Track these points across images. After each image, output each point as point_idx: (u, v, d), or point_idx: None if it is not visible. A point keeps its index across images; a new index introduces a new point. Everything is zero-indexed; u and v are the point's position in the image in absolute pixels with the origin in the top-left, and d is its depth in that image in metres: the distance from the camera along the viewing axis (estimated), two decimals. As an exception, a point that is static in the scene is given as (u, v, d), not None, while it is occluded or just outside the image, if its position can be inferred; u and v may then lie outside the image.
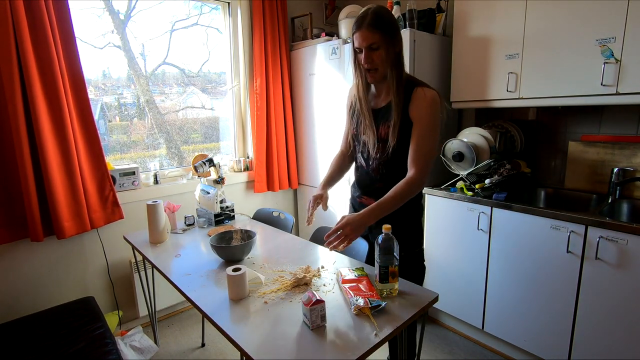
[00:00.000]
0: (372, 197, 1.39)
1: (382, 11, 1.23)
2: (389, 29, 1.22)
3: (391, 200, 1.21)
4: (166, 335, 2.19)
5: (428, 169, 1.26)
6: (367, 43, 1.22)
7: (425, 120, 1.25)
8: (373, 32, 1.20)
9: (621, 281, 1.45)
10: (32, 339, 1.47)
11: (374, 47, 1.22)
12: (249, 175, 2.73)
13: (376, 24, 1.20)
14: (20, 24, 1.63)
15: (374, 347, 0.90)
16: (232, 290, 1.13)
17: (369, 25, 1.20)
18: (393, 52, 1.24)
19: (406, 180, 1.24)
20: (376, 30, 1.20)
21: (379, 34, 1.21)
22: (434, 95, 1.25)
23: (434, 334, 2.13)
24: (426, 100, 1.24)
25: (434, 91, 1.26)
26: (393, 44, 1.24)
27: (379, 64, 1.25)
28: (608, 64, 1.57)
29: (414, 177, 1.24)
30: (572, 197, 1.96)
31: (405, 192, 1.22)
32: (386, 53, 1.23)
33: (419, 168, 1.25)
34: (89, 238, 2.06)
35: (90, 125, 1.91)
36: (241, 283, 1.13)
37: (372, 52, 1.23)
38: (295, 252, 1.49)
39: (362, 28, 1.21)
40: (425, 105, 1.24)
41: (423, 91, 1.25)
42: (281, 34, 2.63)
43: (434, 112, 1.25)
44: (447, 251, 2.04)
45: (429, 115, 1.24)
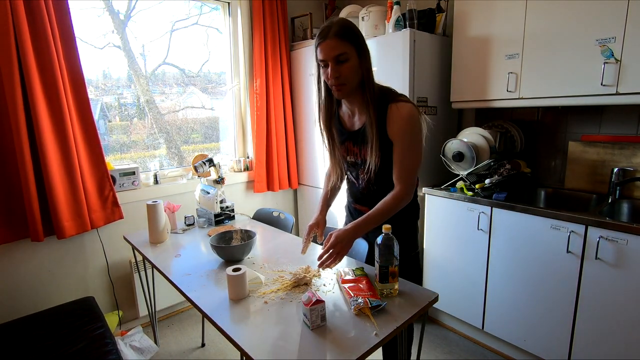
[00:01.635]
0: (365, 205, 1.39)
1: (350, 23, 1.14)
2: (358, 41, 1.13)
3: (378, 214, 1.21)
4: (166, 335, 2.19)
5: (414, 182, 1.26)
6: (335, 53, 1.11)
7: (406, 138, 1.19)
8: (342, 42, 1.10)
9: (621, 281, 1.45)
10: (32, 339, 1.47)
11: (342, 58, 1.12)
12: (249, 175, 2.73)
13: (345, 34, 1.11)
14: (20, 24, 1.63)
15: (374, 347, 0.90)
16: (232, 290, 1.13)
17: (336, 35, 1.10)
18: (364, 65, 1.15)
19: (393, 195, 1.23)
20: (345, 40, 1.10)
21: (348, 44, 1.11)
22: (410, 109, 1.17)
23: (434, 334, 2.13)
24: (402, 118, 1.17)
25: (409, 105, 1.18)
26: (363, 57, 1.15)
27: (348, 77, 1.14)
28: (608, 64, 1.57)
29: (401, 193, 1.22)
30: (572, 197, 1.96)
31: (393, 206, 1.22)
32: (356, 66, 1.14)
33: (404, 184, 1.22)
34: (89, 238, 2.06)
35: (90, 125, 1.91)
36: (241, 283, 1.13)
37: (340, 65, 1.12)
38: (295, 252, 1.49)
39: (329, 38, 1.10)
40: (403, 123, 1.17)
41: (397, 108, 1.17)
42: (281, 34, 2.63)
43: (413, 128, 1.18)
44: (447, 251, 2.04)
45: (407, 133, 1.18)
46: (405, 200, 1.24)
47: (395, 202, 1.22)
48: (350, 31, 1.12)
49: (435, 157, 2.19)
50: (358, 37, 1.15)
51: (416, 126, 1.20)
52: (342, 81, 1.15)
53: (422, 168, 2.13)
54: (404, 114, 1.17)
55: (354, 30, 1.14)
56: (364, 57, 1.16)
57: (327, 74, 1.16)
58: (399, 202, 1.23)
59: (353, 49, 1.13)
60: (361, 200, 1.42)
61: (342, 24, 1.13)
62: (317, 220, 1.39)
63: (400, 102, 1.18)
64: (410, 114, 1.17)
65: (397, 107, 1.18)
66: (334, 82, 1.16)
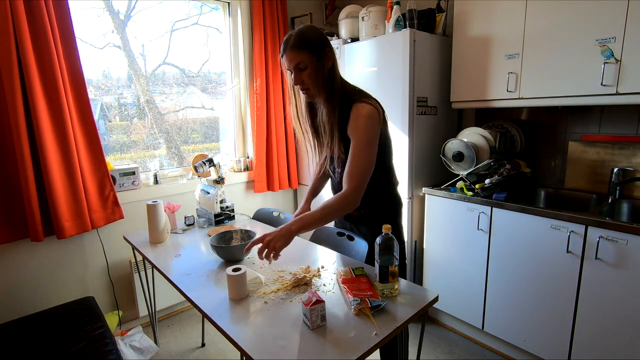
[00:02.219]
0: None
1: (307, 30, 1.22)
2: (314, 48, 1.20)
3: (319, 213, 1.20)
4: (166, 335, 2.19)
5: (363, 186, 1.23)
6: (293, 64, 1.22)
7: (359, 137, 1.22)
8: (298, 52, 1.20)
9: (621, 281, 1.45)
10: (32, 339, 1.47)
11: (301, 67, 1.22)
12: (249, 175, 2.73)
13: (300, 44, 1.20)
14: (20, 24, 1.63)
15: (374, 347, 0.90)
16: (232, 290, 1.13)
17: (293, 47, 1.20)
18: (321, 69, 1.22)
19: (339, 195, 1.23)
20: (301, 50, 1.20)
21: (304, 54, 1.20)
22: (369, 110, 1.21)
23: (434, 334, 2.13)
24: (359, 117, 1.21)
25: (369, 106, 1.22)
26: (321, 62, 1.22)
27: (309, 83, 1.23)
28: (608, 64, 1.57)
29: (347, 194, 1.22)
30: (572, 197, 1.96)
31: (336, 206, 1.21)
32: (314, 72, 1.21)
33: (352, 185, 1.22)
34: (89, 238, 2.06)
35: (90, 125, 1.91)
36: (241, 283, 1.13)
37: (301, 73, 1.22)
38: (295, 252, 1.49)
39: (287, 50, 1.21)
40: (358, 122, 1.21)
41: (357, 108, 1.22)
42: (281, 34, 2.63)
43: (367, 128, 1.21)
44: (447, 251, 2.04)
45: (362, 132, 1.21)
46: (351, 202, 1.22)
47: (338, 201, 1.21)
48: (304, 41, 1.20)
49: (435, 157, 2.19)
50: (314, 44, 1.21)
51: (371, 127, 1.22)
52: (305, 86, 1.25)
53: (423, 168, 2.16)
54: (362, 113, 1.21)
55: (309, 39, 1.21)
56: (322, 62, 1.23)
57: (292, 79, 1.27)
58: (343, 202, 1.22)
59: (310, 56, 1.21)
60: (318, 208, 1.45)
61: (298, 35, 1.21)
62: (303, 209, 1.46)
63: (362, 103, 1.23)
64: (369, 114, 1.21)
65: (358, 107, 1.23)
66: (299, 87, 1.27)
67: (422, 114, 2.12)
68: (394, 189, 1.44)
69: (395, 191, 1.44)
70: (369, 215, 1.40)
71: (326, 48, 1.23)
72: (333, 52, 1.25)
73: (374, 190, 1.33)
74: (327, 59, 1.23)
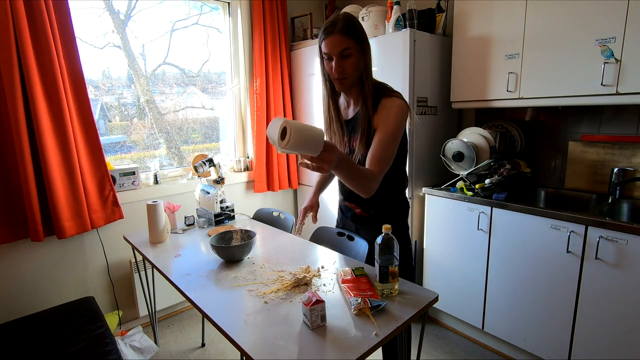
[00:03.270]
0: (353, 202, 1.41)
1: (353, 18, 1.18)
2: (360, 37, 1.17)
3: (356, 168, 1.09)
4: (166, 335, 2.19)
5: (382, 175, 1.18)
6: (339, 49, 1.15)
7: (388, 127, 1.18)
8: (346, 37, 1.14)
9: (621, 281, 1.45)
10: (32, 339, 1.47)
11: (345, 53, 1.16)
12: (249, 175, 2.73)
13: (349, 29, 1.14)
14: (20, 24, 1.63)
15: (374, 347, 0.90)
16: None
17: (341, 31, 1.14)
18: (364, 61, 1.19)
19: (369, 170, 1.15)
20: (349, 36, 1.14)
21: (352, 40, 1.15)
22: (401, 104, 1.20)
23: (434, 334, 2.13)
24: (392, 109, 1.19)
25: (401, 100, 1.21)
26: (364, 53, 1.19)
27: (350, 72, 1.19)
28: (608, 64, 1.57)
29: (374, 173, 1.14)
30: (572, 197, 1.96)
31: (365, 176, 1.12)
32: (358, 61, 1.18)
33: (378, 169, 1.16)
34: (89, 238, 2.06)
35: (90, 125, 1.91)
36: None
37: (344, 60, 1.17)
38: (295, 252, 1.49)
39: (334, 33, 1.14)
40: (391, 112, 1.19)
41: (388, 100, 1.21)
42: (281, 34, 2.63)
43: (399, 121, 1.19)
44: (447, 251, 2.04)
45: (392, 122, 1.18)
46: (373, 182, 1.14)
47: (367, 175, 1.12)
48: (354, 27, 1.16)
49: (435, 157, 2.19)
50: (361, 33, 1.18)
51: (402, 121, 1.21)
52: (344, 75, 1.20)
53: (422, 168, 2.16)
54: (395, 105, 1.20)
55: (357, 27, 1.18)
56: (365, 53, 1.20)
57: (330, 67, 1.21)
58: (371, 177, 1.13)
59: (356, 45, 1.17)
60: (350, 197, 1.42)
61: (347, 19, 1.16)
62: (311, 202, 1.44)
63: (393, 97, 1.22)
64: (400, 107, 1.20)
65: (388, 100, 1.21)
66: (337, 75, 1.20)
67: (422, 114, 2.12)
68: (404, 190, 1.42)
69: (405, 192, 1.43)
70: (379, 216, 1.37)
71: (367, 40, 1.20)
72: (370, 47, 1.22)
73: (387, 191, 1.30)
74: (369, 51, 1.21)
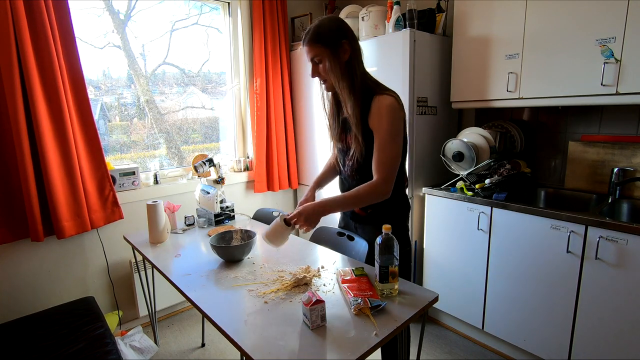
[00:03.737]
0: None
1: (324, 24, 1.24)
2: (330, 41, 1.23)
3: (351, 198, 1.24)
4: (166, 335, 2.19)
5: (392, 176, 1.24)
6: (310, 57, 1.27)
7: (383, 129, 1.23)
8: (313, 46, 1.24)
9: (621, 281, 1.45)
10: (32, 339, 1.47)
11: (316, 60, 1.26)
12: (249, 175, 2.73)
13: (315, 38, 1.23)
14: (20, 24, 1.63)
15: (374, 347, 0.90)
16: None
17: (309, 41, 1.24)
18: (336, 62, 1.24)
19: (370, 184, 1.24)
20: (316, 44, 1.23)
21: (319, 48, 1.23)
22: (391, 101, 1.22)
23: (434, 334, 2.13)
24: (381, 109, 1.22)
25: (391, 97, 1.23)
26: (337, 55, 1.24)
27: (325, 76, 1.27)
28: (608, 64, 1.57)
29: (377, 184, 1.23)
30: (572, 197, 1.96)
31: (367, 194, 1.23)
32: (329, 65, 1.24)
33: (382, 176, 1.23)
34: (89, 238, 2.06)
35: (90, 125, 1.91)
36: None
37: (317, 66, 1.27)
38: (295, 252, 1.49)
39: (304, 44, 1.26)
40: (381, 113, 1.22)
41: (378, 99, 1.23)
42: (281, 34, 2.63)
43: (391, 120, 1.22)
44: (447, 251, 2.04)
45: (385, 124, 1.22)
46: (381, 192, 1.23)
47: (369, 190, 1.23)
48: (319, 35, 1.23)
49: (435, 157, 2.19)
50: (329, 37, 1.23)
51: (395, 119, 1.23)
52: (322, 78, 1.30)
53: (422, 168, 2.16)
54: (383, 105, 1.22)
55: (325, 34, 1.23)
56: (338, 54, 1.24)
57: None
58: (373, 190, 1.23)
59: (325, 51, 1.23)
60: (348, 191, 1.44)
61: (314, 29, 1.24)
62: (307, 197, 1.49)
63: (384, 95, 1.23)
64: (391, 105, 1.22)
65: (379, 98, 1.23)
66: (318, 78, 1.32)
67: (422, 114, 2.12)
68: (404, 190, 1.43)
69: (404, 192, 1.43)
70: (376, 215, 1.39)
71: (342, 40, 1.23)
72: (352, 44, 1.25)
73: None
74: (343, 51, 1.24)
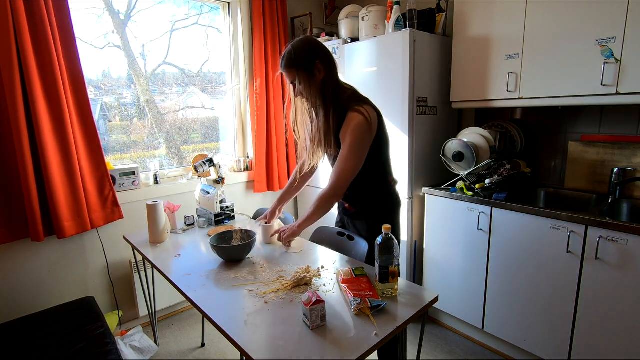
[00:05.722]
0: (346, 200, 1.52)
1: (297, 47, 1.31)
2: (303, 65, 1.30)
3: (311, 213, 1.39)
4: (166, 335, 2.19)
5: (341, 185, 1.34)
6: (288, 81, 1.36)
7: (346, 143, 1.30)
8: (289, 71, 1.32)
9: (621, 281, 1.45)
10: (32, 339, 1.47)
11: (294, 83, 1.34)
12: (249, 175, 2.73)
13: (289, 63, 1.31)
14: (20, 24, 1.63)
15: (374, 347, 0.90)
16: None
17: (285, 66, 1.33)
18: (313, 82, 1.32)
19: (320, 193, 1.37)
20: (291, 68, 1.31)
21: (294, 72, 1.31)
22: (359, 121, 1.28)
23: (434, 334, 2.13)
24: (349, 125, 1.29)
25: (360, 116, 1.28)
26: (312, 76, 1.31)
27: (305, 95, 1.35)
28: (608, 64, 1.57)
29: (327, 191, 1.35)
30: (572, 197, 1.96)
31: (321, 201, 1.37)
32: (306, 85, 1.32)
33: (331, 184, 1.34)
34: (89, 238, 2.06)
35: (90, 125, 1.91)
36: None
37: (296, 87, 1.35)
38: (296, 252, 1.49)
39: (281, 69, 1.35)
40: (348, 130, 1.29)
41: (349, 117, 1.30)
42: (281, 34, 2.63)
43: (355, 137, 1.29)
44: (447, 251, 2.04)
45: (349, 139, 1.29)
46: (329, 198, 1.36)
47: (321, 197, 1.36)
48: (293, 60, 1.31)
49: (435, 157, 2.19)
50: (302, 61, 1.30)
51: (359, 136, 1.29)
52: (303, 98, 1.38)
53: (423, 168, 2.16)
54: (351, 122, 1.29)
55: (296, 58, 1.30)
56: (313, 75, 1.31)
57: None
58: (323, 197, 1.36)
59: (300, 73, 1.31)
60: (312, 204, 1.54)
61: (288, 54, 1.32)
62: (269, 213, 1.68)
63: (355, 112, 1.30)
64: (358, 124, 1.28)
65: (350, 116, 1.30)
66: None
67: (422, 114, 2.12)
68: (391, 187, 1.49)
69: (392, 189, 1.49)
70: (365, 211, 1.47)
71: (316, 61, 1.30)
72: (326, 63, 1.32)
73: (368, 187, 1.42)
74: (318, 72, 1.31)
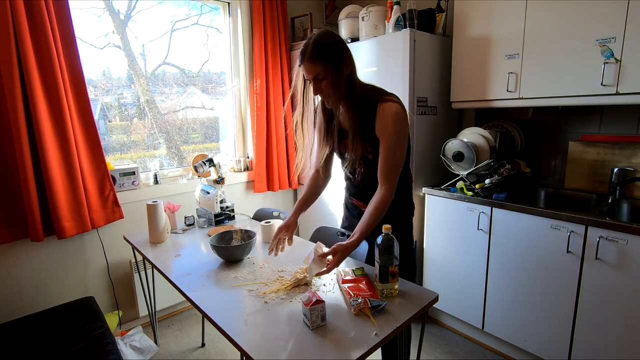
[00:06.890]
0: (360, 199, 1.43)
1: (323, 39, 1.18)
2: (331, 56, 1.18)
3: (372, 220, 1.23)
4: (166, 335, 2.19)
5: (396, 182, 1.27)
6: (311, 75, 1.20)
7: (389, 137, 1.23)
8: (315, 63, 1.17)
9: (621, 281, 1.45)
10: (32, 339, 1.47)
11: (319, 77, 1.20)
12: (249, 175, 2.73)
13: (316, 55, 1.17)
14: (20, 24, 1.63)
15: (374, 347, 0.90)
16: None
17: (310, 58, 1.17)
18: (341, 77, 1.20)
19: (380, 198, 1.25)
20: (318, 60, 1.17)
21: (321, 65, 1.17)
22: (397, 109, 1.21)
23: (434, 334, 2.13)
24: (388, 117, 1.21)
25: (396, 104, 1.22)
26: (339, 69, 1.20)
27: (328, 92, 1.22)
28: (608, 64, 1.57)
29: (387, 195, 1.25)
30: (572, 197, 1.96)
31: (382, 209, 1.25)
32: (334, 81, 1.20)
33: (388, 185, 1.26)
34: (89, 238, 2.06)
35: (90, 125, 1.91)
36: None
37: (320, 82, 1.21)
38: (295, 252, 1.49)
39: (304, 61, 1.19)
40: (387, 122, 1.22)
41: (384, 108, 1.22)
42: (281, 34, 2.63)
43: (397, 128, 1.22)
44: (447, 251, 2.04)
45: (392, 132, 1.23)
46: (390, 200, 1.27)
47: (383, 205, 1.25)
48: (322, 51, 1.17)
49: (435, 157, 2.19)
50: (332, 52, 1.18)
51: (401, 126, 1.23)
52: (325, 95, 1.25)
53: (423, 168, 2.16)
54: (389, 113, 1.22)
55: (326, 48, 1.17)
56: (341, 69, 1.20)
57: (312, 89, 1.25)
58: (386, 204, 1.26)
59: (328, 67, 1.18)
60: (357, 195, 1.45)
61: (315, 44, 1.17)
62: (288, 222, 1.42)
63: (388, 102, 1.22)
64: (397, 113, 1.21)
65: (384, 106, 1.22)
66: (320, 97, 1.27)
67: (422, 114, 2.12)
68: (409, 191, 1.43)
69: (410, 192, 1.44)
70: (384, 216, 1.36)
71: (344, 54, 1.20)
72: (351, 57, 1.22)
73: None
74: (346, 66, 1.21)
